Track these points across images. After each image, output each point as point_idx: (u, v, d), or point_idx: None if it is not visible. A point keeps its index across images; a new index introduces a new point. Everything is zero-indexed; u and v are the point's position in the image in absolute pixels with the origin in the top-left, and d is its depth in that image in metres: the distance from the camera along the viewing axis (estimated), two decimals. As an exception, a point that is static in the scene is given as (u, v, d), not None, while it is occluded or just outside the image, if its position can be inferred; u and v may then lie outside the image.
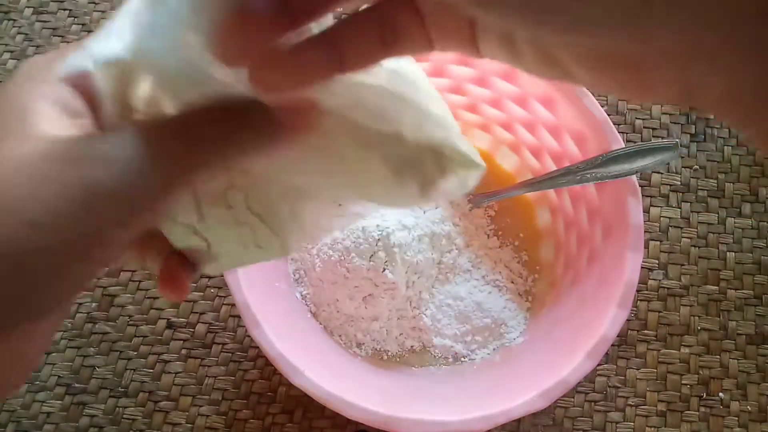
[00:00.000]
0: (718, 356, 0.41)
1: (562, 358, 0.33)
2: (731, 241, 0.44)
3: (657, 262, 0.43)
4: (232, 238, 0.21)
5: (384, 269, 0.37)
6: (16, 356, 0.20)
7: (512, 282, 0.42)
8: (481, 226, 0.44)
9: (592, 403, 0.40)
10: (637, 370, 0.41)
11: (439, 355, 0.40)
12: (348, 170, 0.19)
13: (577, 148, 0.39)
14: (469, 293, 0.41)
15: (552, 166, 0.41)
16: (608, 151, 0.36)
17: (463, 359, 0.40)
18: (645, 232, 0.34)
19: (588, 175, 0.36)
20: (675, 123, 0.48)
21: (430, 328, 0.40)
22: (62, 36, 0.51)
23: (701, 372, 0.41)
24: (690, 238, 0.44)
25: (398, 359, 0.40)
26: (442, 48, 0.17)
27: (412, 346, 0.40)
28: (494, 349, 0.40)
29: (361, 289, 0.38)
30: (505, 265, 0.43)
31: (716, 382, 0.41)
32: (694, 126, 0.48)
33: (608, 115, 0.37)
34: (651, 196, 0.45)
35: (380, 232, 0.37)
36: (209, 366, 0.41)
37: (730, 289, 0.43)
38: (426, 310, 0.40)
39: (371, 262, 0.37)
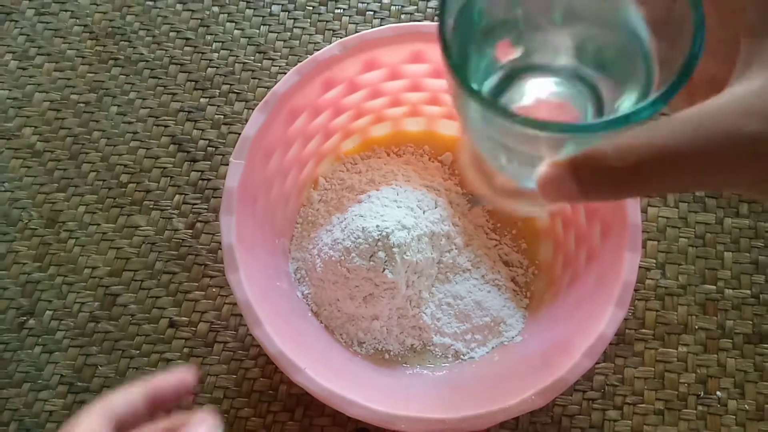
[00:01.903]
0: (716, 355, 0.41)
1: (560, 356, 0.33)
2: (729, 240, 0.44)
3: (655, 261, 0.44)
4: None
5: (384, 269, 0.38)
6: None
7: (512, 280, 0.42)
8: (480, 225, 0.44)
9: (590, 402, 0.40)
10: (635, 368, 0.41)
11: (439, 353, 0.40)
12: None
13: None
14: (468, 292, 0.41)
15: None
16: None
17: (462, 357, 0.40)
18: (643, 231, 0.34)
19: None
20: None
21: (430, 327, 0.40)
22: (64, 37, 0.51)
23: (699, 371, 0.41)
24: (688, 237, 0.44)
25: (399, 358, 0.40)
26: None
27: (412, 345, 0.40)
28: (493, 348, 0.40)
29: (361, 288, 0.38)
30: (504, 261, 0.43)
31: (714, 380, 0.41)
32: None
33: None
34: (649, 196, 0.46)
35: (380, 233, 0.38)
36: (211, 365, 0.41)
37: (728, 288, 0.43)
38: (426, 309, 0.40)
39: (371, 262, 0.38)
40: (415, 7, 0.52)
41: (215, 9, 0.52)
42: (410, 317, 0.40)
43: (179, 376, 0.29)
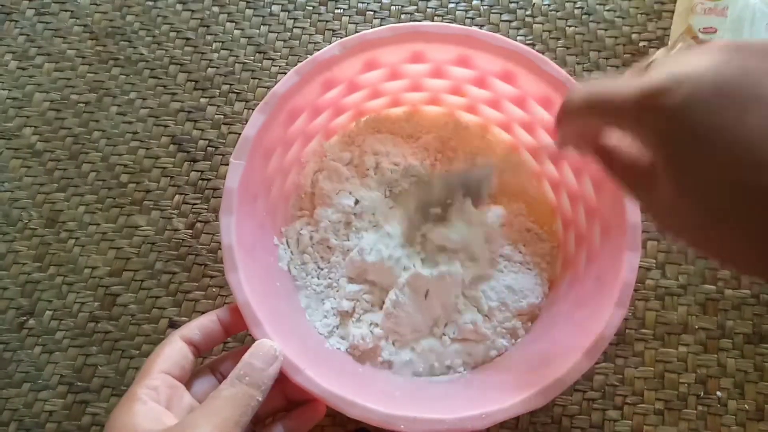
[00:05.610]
0: (716, 355, 0.41)
1: (560, 356, 0.33)
2: (729, 240, 0.44)
3: (655, 261, 0.44)
4: None
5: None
6: None
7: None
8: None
9: (590, 402, 0.40)
10: (635, 368, 0.41)
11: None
12: None
13: (575, 148, 0.39)
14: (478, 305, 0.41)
15: (550, 166, 0.41)
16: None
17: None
18: (643, 231, 0.34)
19: None
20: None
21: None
22: (64, 37, 0.51)
23: (699, 371, 0.41)
24: (688, 237, 0.44)
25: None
26: None
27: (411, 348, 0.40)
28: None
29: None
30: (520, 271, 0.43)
31: (714, 380, 0.41)
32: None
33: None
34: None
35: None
36: (210, 365, 0.41)
37: (728, 288, 0.43)
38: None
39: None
40: (415, 7, 0.52)
41: (215, 9, 0.52)
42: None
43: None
